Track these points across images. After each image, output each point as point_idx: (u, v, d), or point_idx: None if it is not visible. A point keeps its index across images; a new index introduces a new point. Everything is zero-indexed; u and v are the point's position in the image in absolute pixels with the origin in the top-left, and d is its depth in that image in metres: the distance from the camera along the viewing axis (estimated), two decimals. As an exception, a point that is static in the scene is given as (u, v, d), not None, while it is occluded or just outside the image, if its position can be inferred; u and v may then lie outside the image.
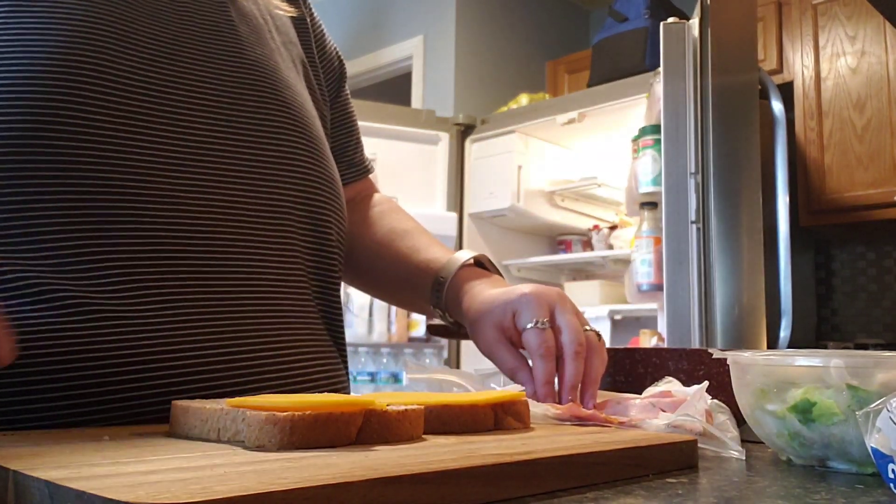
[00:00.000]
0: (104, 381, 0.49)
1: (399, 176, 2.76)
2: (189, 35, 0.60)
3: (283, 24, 0.72)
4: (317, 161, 0.64)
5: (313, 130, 0.66)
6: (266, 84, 0.62)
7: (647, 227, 2.02)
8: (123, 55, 0.54)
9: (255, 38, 0.65)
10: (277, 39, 0.69)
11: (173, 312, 0.52)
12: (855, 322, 2.90)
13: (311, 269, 0.64)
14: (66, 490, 0.25)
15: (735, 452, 0.45)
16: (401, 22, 3.77)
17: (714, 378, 0.56)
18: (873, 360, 0.41)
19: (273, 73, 0.64)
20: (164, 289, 0.52)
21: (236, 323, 0.55)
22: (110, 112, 0.52)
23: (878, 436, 0.35)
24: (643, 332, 2.30)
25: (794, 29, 2.74)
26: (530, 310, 0.59)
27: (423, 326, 2.75)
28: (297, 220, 0.62)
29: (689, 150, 1.78)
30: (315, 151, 0.64)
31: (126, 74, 0.54)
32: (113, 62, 0.54)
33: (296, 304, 0.61)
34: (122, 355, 0.50)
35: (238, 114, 0.60)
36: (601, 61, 2.86)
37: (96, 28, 0.54)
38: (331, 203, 0.66)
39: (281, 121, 0.62)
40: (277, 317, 0.59)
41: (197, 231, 0.55)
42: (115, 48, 0.54)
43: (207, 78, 0.59)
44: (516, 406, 0.47)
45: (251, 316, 0.57)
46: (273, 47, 0.67)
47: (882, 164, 2.53)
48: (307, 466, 0.30)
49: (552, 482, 0.34)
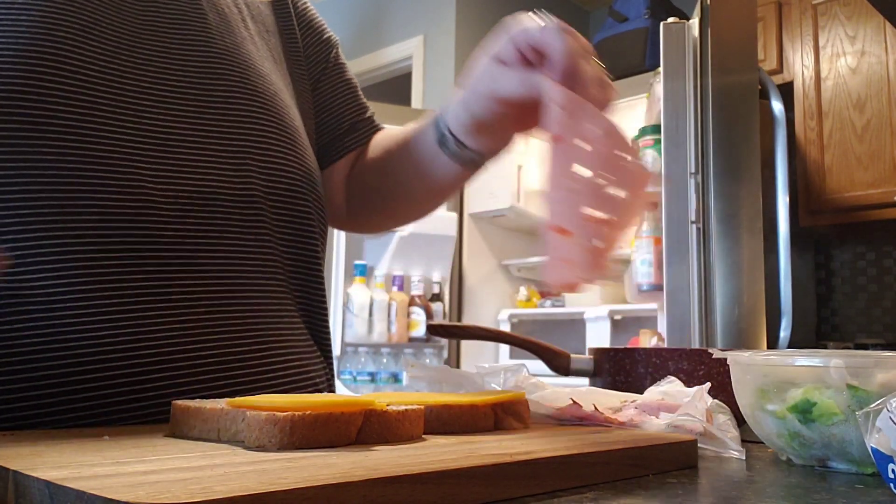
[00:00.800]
0: (104, 379, 0.49)
1: (399, 176, 2.76)
2: (153, 25, 0.59)
3: (258, 13, 0.71)
4: (290, 150, 0.63)
5: (287, 119, 0.64)
6: (236, 73, 0.61)
7: (648, 227, 2.02)
8: (84, 47, 0.54)
9: (225, 28, 0.64)
10: (252, 28, 0.68)
11: (141, 307, 0.52)
12: (855, 322, 2.90)
13: (289, 262, 0.63)
14: (66, 490, 0.25)
15: (735, 452, 0.45)
16: (401, 22, 3.77)
17: (714, 378, 0.56)
18: (873, 360, 0.41)
19: (244, 61, 0.63)
20: (131, 282, 0.52)
21: (205, 318, 0.55)
22: (71, 104, 0.52)
23: (877, 436, 0.35)
24: (643, 333, 2.30)
25: (794, 29, 2.74)
26: (521, 22, 0.54)
27: (423, 326, 2.75)
28: (269, 212, 0.60)
29: (689, 150, 1.78)
30: (288, 140, 0.63)
31: (87, 66, 0.53)
32: (75, 53, 0.53)
33: (270, 300, 0.60)
34: (118, 352, 0.50)
35: (207, 103, 0.59)
36: (601, 61, 2.85)
37: (58, 20, 0.53)
38: (308, 194, 0.64)
39: (252, 109, 0.61)
40: (248, 312, 0.58)
41: (165, 224, 0.54)
42: (75, 40, 0.54)
43: (172, 68, 0.58)
44: (516, 406, 0.47)
45: (220, 310, 0.56)
46: (245, 36, 0.66)
47: (882, 164, 2.53)
48: (307, 466, 0.30)
49: (552, 482, 0.34)
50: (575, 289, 0.43)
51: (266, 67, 0.66)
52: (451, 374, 0.61)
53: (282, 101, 0.65)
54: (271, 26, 0.72)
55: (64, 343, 0.49)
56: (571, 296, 2.79)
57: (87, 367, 0.49)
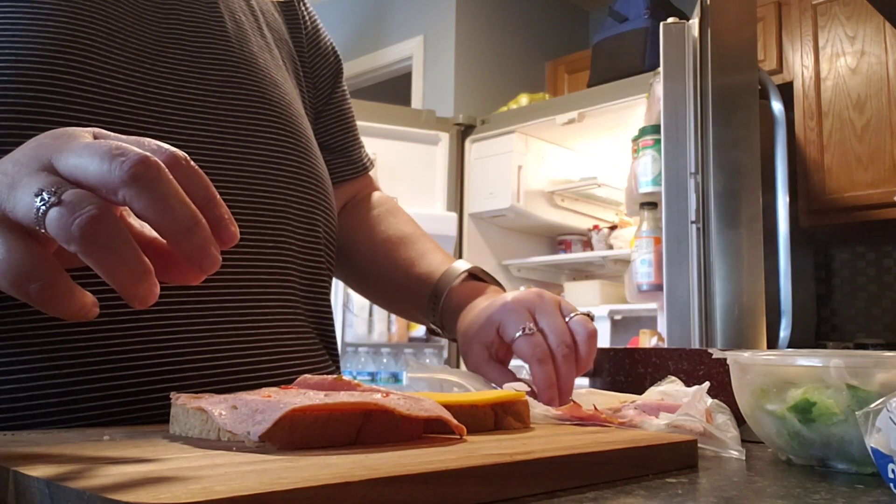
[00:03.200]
0: (104, 379, 0.49)
1: (399, 176, 2.76)
2: (175, 33, 0.59)
3: (274, 21, 0.72)
4: (305, 160, 0.64)
5: (301, 129, 0.65)
6: (254, 83, 0.62)
7: (647, 227, 2.02)
8: (109, 54, 0.54)
9: (243, 36, 0.64)
10: (268, 36, 0.69)
11: (167, 312, 0.52)
12: (854, 322, 2.90)
13: (303, 268, 0.63)
14: (66, 490, 0.25)
15: (735, 452, 0.45)
16: (401, 22, 3.77)
17: (714, 378, 0.56)
18: (873, 360, 0.41)
19: (261, 71, 0.63)
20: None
21: (213, 320, 0.55)
22: (95, 111, 0.52)
23: (877, 435, 0.35)
24: (643, 332, 2.30)
25: (793, 29, 2.74)
26: (513, 319, 0.59)
27: (424, 326, 2.75)
28: (287, 219, 0.61)
29: (689, 150, 1.78)
30: (303, 150, 0.64)
31: (112, 74, 0.54)
32: (99, 61, 0.53)
33: (283, 308, 0.60)
34: (118, 352, 0.50)
35: (225, 113, 0.59)
36: (601, 61, 2.86)
37: (82, 27, 0.54)
38: (320, 202, 0.65)
39: (269, 119, 0.62)
40: (259, 317, 0.58)
41: None
42: (100, 47, 0.54)
43: (194, 77, 0.58)
44: (516, 406, 0.47)
45: (229, 313, 0.56)
46: (262, 45, 0.66)
47: (881, 164, 2.53)
48: (307, 466, 0.30)
49: (552, 482, 0.34)
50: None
51: (280, 76, 0.67)
52: (451, 374, 0.61)
53: (296, 111, 0.66)
54: (284, 34, 0.73)
55: (66, 342, 0.49)
56: (571, 296, 2.79)
57: (90, 367, 0.49)
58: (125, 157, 0.32)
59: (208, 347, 0.54)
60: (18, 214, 0.33)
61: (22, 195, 0.33)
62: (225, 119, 0.59)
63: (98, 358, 0.49)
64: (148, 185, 0.32)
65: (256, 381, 0.56)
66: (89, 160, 0.33)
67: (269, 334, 0.58)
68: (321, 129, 0.77)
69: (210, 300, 0.55)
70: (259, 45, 0.66)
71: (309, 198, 0.64)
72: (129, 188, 0.32)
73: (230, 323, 0.56)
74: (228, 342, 0.55)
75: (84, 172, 0.33)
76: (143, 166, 0.32)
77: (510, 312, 0.59)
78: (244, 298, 0.57)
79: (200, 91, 0.58)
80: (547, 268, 3.07)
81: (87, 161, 0.33)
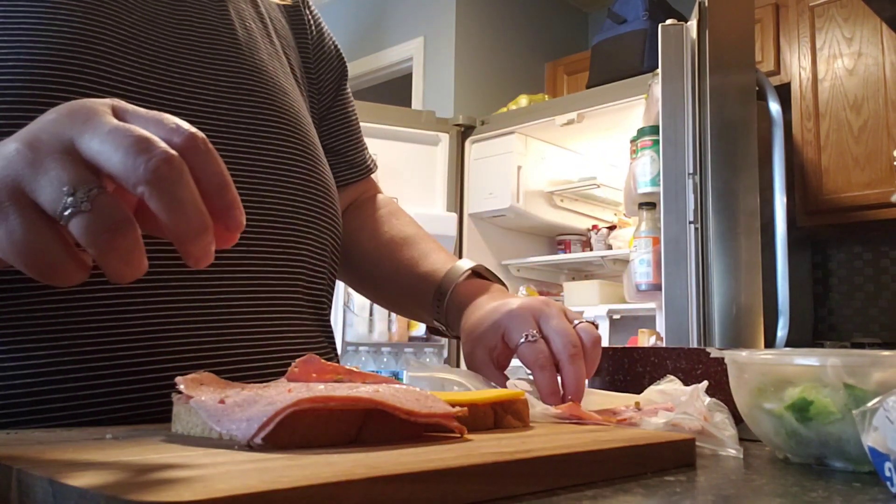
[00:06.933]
0: (107, 377, 0.50)
1: (399, 176, 2.77)
2: (187, 40, 0.60)
3: (282, 28, 0.72)
4: (313, 167, 0.65)
5: (309, 137, 0.66)
6: (264, 90, 0.62)
7: (646, 227, 2.02)
8: (124, 60, 0.54)
9: (253, 44, 0.65)
10: (277, 44, 0.69)
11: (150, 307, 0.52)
12: (851, 321, 2.91)
13: (310, 275, 0.64)
14: (68, 488, 0.26)
15: (733, 451, 0.45)
16: (401, 24, 3.77)
17: (712, 377, 0.56)
18: (870, 359, 0.41)
19: (271, 79, 0.64)
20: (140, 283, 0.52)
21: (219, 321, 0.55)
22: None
23: (874, 434, 0.35)
24: (642, 332, 2.30)
25: (791, 31, 2.74)
26: (517, 325, 0.59)
27: (424, 326, 2.75)
28: (301, 227, 0.62)
29: (687, 150, 1.78)
30: (311, 158, 0.65)
31: (126, 80, 0.54)
32: (112, 66, 0.54)
33: (292, 315, 0.61)
34: (121, 352, 0.50)
35: (237, 120, 0.60)
36: (600, 63, 2.86)
37: (97, 33, 0.54)
38: (327, 209, 0.66)
39: (278, 127, 0.62)
40: (268, 320, 0.58)
41: None
42: (115, 53, 0.54)
43: (206, 83, 0.59)
44: (516, 405, 0.47)
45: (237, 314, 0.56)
46: (272, 52, 0.67)
47: (878, 164, 2.53)
48: (309, 465, 0.30)
49: (551, 480, 0.34)
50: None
51: (289, 84, 0.67)
52: (451, 373, 0.61)
53: (304, 117, 0.67)
54: (291, 41, 0.73)
55: (69, 341, 0.49)
56: (570, 296, 2.80)
57: (92, 366, 0.49)
58: (150, 155, 0.33)
59: (214, 350, 0.54)
60: (41, 199, 0.33)
61: (48, 183, 0.33)
62: (237, 126, 0.59)
63: (101, 357, 0.50)
64: (167, 188, 0.33)
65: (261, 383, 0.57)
66: (113, 150, 0.33)
67: (277, 341, 0.59)
68: (325, 132, 0.77)
69: (218, 303, 0.55)
70: (269, 52, 0.66)
71: (317, 205, 0.64)
72: (149, 187, 0.32)
73: (238, 326, 0.56)
74: (235, 346, 0.55)
75: (107, 161, 0.33)
76: (167, 167, 0.33)
77: (515, 318, 0.60)
78: (253, 303, 0.57)
79: (212, 98, 0.59)
80: (546, 268, 3.07)
81: (112, 150, 0.33)
